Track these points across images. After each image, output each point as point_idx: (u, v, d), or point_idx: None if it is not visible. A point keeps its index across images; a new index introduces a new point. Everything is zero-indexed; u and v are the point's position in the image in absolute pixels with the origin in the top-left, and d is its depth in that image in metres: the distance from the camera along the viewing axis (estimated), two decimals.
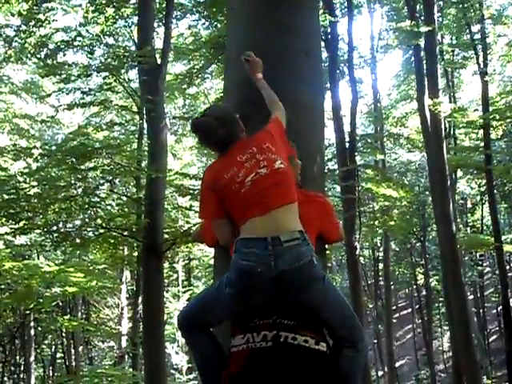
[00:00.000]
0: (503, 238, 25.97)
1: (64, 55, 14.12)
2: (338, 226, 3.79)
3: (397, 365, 35.47)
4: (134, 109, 14.80)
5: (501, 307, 22.64)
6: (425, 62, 16.88)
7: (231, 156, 3.33)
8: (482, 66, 20.93)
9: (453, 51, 25.47)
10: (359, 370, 3.46)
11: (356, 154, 16.37)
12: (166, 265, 25.30)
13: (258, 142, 3.35)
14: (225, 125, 3.36)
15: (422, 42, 16.84)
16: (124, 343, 23.42)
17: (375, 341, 38.58)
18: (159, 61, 12.07)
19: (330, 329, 3.30)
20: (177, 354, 27.69)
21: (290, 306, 3.17)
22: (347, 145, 15.40)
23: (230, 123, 3.41)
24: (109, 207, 15.23)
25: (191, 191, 12.69)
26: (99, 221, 13.32)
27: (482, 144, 19.93)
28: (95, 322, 27.31)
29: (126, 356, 23.47)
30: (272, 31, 3.91)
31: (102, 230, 12.93)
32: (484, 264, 37.88)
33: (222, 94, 5.44)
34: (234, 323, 3.31)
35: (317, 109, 4.07)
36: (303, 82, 3.90)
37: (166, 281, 27.64)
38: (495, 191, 25.12)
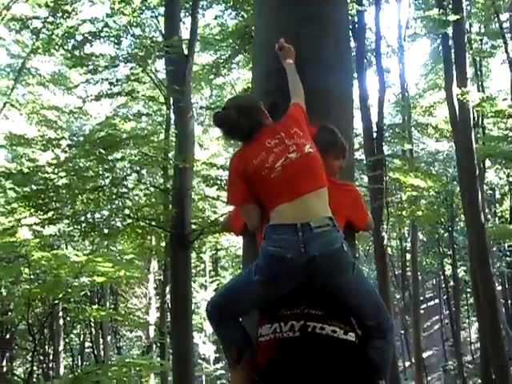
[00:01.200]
0: None
1: (91, 46, 14.12)
2: (366, 214, 3.76)
3: (424, 356, 35.33)
4: (161, 99, 14.82)
5: None
6: (453, 50, 16.73)
7: (259, 142, 3.30)
8: (510, 54, 20.71)
9: (481, 40, 25.24)
10: (388, 361, 3.45)
11: (383, 143, 16.29)
12: (194, 255, 25.43)
13: (286, 127, 3.33)
14: (246, 115, 3.34)
15: (450, 31, 16.70)
16: (152, 333, 23.59)
17: (402, 331, 38.51)
18: (186, 51, 12.07)
19: (359, 318, 3.28)
20: (204, 344, 27.86)
21: (318, 295, 3.15)
22: (374, 134, 15.33)
23: (252, 112, 3.38)
24: (136, 197, 15.32)
25: (218, 181, 12.70)
26: (127, 211, 13.39)
27: (511, 133, 19.74)
28: (123, 312, 27.51)
29: (154, 345, 23.64)
30: (301, 20, 3.87)
31: (129, 220, 13.01)
32: None
33: (249, 85, 5.43)
34: (261, 313, 3.29)
35: (346, 97, 4.04)
36: (333, 70, 3.87)
37: (193, 271, 27.79)
38: None
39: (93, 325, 28.36)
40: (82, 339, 32.23)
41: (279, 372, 3.06)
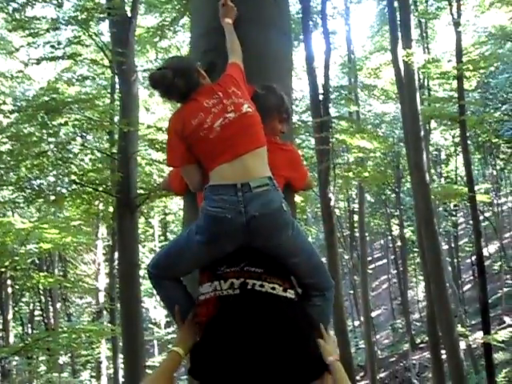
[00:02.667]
0: (476, 188, 26.25)
1: (32, 9, 13.83)
2: (305, 174, 3.77)
3: (373, 315, 36.01)
4: (106, 63, 14.61)
5: (474, 257, 22.94)
6: (398, 12, 16.77)
7: (197, 102, 3.27)
8: (455, 16, 20.84)
9: (426, 1, 25.39)
10: (327, 318, 3.51)
11: (330, 105, 16.34)
12: (142, 220, 25.33)
13: (224, 87, 3.30)
14: (182, 75, 3.30)
15: None
16: (101, 299, 23.51)
17: (351, 291, 39.13)
18: (129, 13, 11.89)
19: (298, 276, 3.32)
20: (155, 309, 27.91)
21: (258, 253, 3.17)
22: (321, 96, 15.34)
23: (189, 72, 3.34)
24: (82, 163, 15.15)
25: (165, 145, 12.60)
26: (72, 176, 13.24)
27: (456, 95, 19.94)
28: (72, 279, 27.32)
29: (104, 311, 23.57)
30: None
31: (75, 186, 12.88)
32: (458, 214, 38.33)
33: None
34: (201, 271, 3.30)
35: (284, 57, 4.00)
36: (271, 28, 3.84)
37: (142, 236, 27.74)
38: (469, 142, 25.25)
39: (42, 292, 28.15)
40: (31, 307, 32.01)
41: (220, 330, 3.07)
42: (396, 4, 16.88)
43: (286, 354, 3.03)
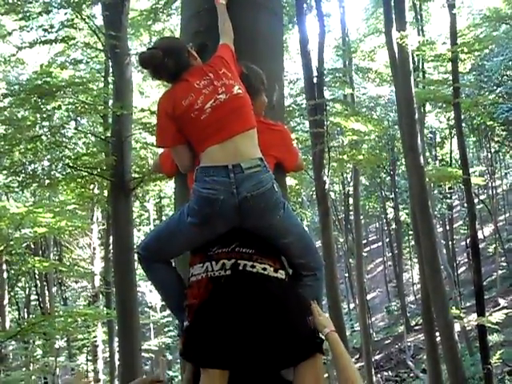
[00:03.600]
0: (471, 170, 26.25)
1: None
2: (296, 155, 3.78)
3: (368, 297, 36.14)
4: (99, 46, 14.54)
5: (469, 239, 22.99)
6: None
7: (187, 83, 3.27)
8: None
9: None
10: (319, 298, 3.53)
11: (324, 88, 16.29)
12: (137, 204, 25.35)
13: (214, 68, 3.30)
14: (173, 55, 3.30)
15: None
16: (97, 283, 23.52)
17: (346, 274, 39.28)
18: None
19: (289, 256, 3.35)
20: (151, 292, 27.93)
21: (249, 234, 3.19)
22: (315, 79, 15.30)
23: (179, 53, 3.34)
24: (77, 146, 15.13)
25: None
26: (66, 160, 13.22)
27: (450, 77, 19.91)
28: (68, 263, 27.35)
29: (100, 295, 23.61)
30: None
31: (69, 170, 12.86)
32: (453, 197, 38.42)
33: None
34: (193, 253, 3.31)
35: (275, 38, 4.01)
36: (261, 9, 3.84)
37: (137, 220, 27.77)
38: (463, 125, 25.26)
39: (38, 277, 28.19)
40: (27, 292, 32.05)
41: (212, 311, 3.09)
42: None
43: (277, 334, 3.06)
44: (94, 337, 23.32)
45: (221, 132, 3.15)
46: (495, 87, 29.05)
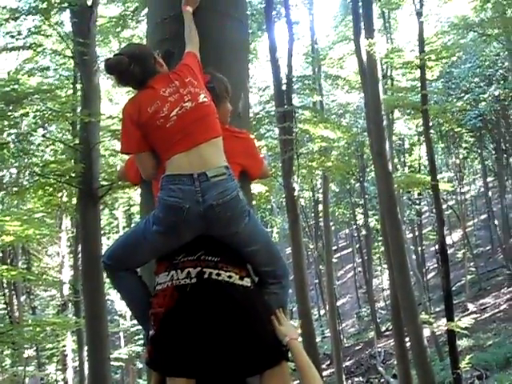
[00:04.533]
0: (440, 176, 26.51)
1: None
2: (261, 162, 3.78)
3: (338, 303, 36.35)
4: (68, 53, 14.45)
5: (438, 245, 23.18)
6: (361, 2, 16.82)
7: (153, 90, 3.25)
8: (418, 6, 20.96)
9: None
10: (285, 306, 3.53)
11: (293, 95, 16.37)
12: (106, 211, 25.19)
13: (180, 76, 3.29)
14: (139, 62, 3.27)
15: None
16: (66, 291, 23.32)
17: (316, 281, 39.37)
18: (90, 3, 11.77)
19: (255, 264, 3.35)
20: (120, 301, 27.73)
21: (215, 242, 3.19)
22: (284, 86, 15.36)
23: (145, 59, 3.32)
24: (45, 154, 15.02)
25: None
26: (34, 168, 13.12)
27: (419, 84, 20.08)
28: (36, 272, 27.08)
29: (69, 304, 23.42)
30: None
31: (37, 177, 12.75)
32: (422, 203, 38.69)
33: None
34: (158, 261, 3.30)
35: (240, 46, 4.01)
36: (226, 17, 3.83)
37: (106, 228, 27.58)
38: (432, 131, 25.46)
39: (6, 286, 27.86)
40: None
41: (178, 320, 3.08)
42: None
43: (242, 342, 3.07)
44: (63, 346, 23.12)
45: (186, 140, 3.14)
46: (463, 94, 29.38)
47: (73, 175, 12.02)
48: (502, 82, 29.41)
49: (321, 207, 30.96)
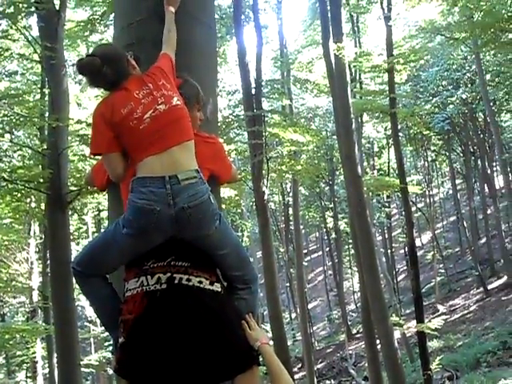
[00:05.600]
0: (409, 179, 26.69)
1: None
2: (230, 166, 3.79)
3: (309, 306, 36.42)
4: (35, 57, 14.34)
5: (407, 247, 23.34)
6: (329, 6, 16.88)
7: (127, 91, 3.25)
8: (386, 10, 21.10)
9: None
10: (254, 311, 3.53)
11: (262, 99, 16.36)
12: (76, 217, 24.99)
13: (154, 79, 3.30)
14: (111, 63, 3.26)
15: None
16: (35, 298, 23.11)
17: (287, 284, 39.42)
18: (58, 7, 11.69)
19: (224, 269, 3.35)
20: (90, 306, 27.56)
21: (185, 247, 3.19)
22: (253, 90, 15.37)
23: (118, 61, 3.31)
24: (12, 159, 14.88)
25: None
26: (2, 173, 12.98)
27: (387, 88, 20.21)
28: (5, 278, 26.80)
29: (39, 310, 23.20)
30: None
31: (4, 183, 12.62)
32: (391, 206, 38.96)
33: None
34: (127, 267, 3.28)
35: (209, 51, 4.01)
36: (194, 21, 3.83)
37: (76, 233, 27.37)
38: (400, 134, 25.65)
39: None
40: None
41: (147, 326, 3.07)
42: None
43: (213, 348, 3.06)
44: (33, 353, 22.88)
45: (159, 143, 3.14)
46: (431, 97, 29.65)
47: (41, 181, 11.92)
48: (469, 85, 29.73)
49: (291, 211, 31.05)
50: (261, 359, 3.20)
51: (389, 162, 34.64)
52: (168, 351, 3.03)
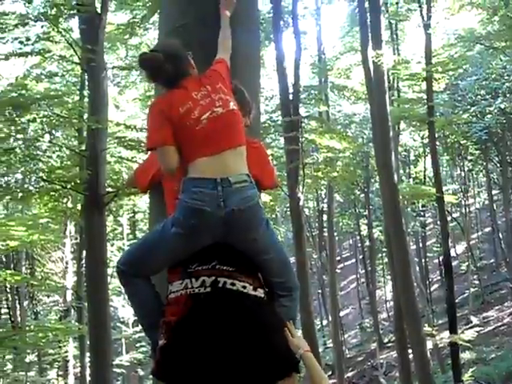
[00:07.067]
0: (445, 188, 26.47)
1: (1, 4, 13.67)
2: (272, 172, 3.80)
3: (341, 314, 36.17)
4: (75, 59, 14.48)
5: (442, 257, 23.12)
6: (369, 13, 16.84)
7: (186, 90, 3.27)
8: (425, 18, 20.99)
9: (397, 3, 25.56)
10: (294, 318, 3.53)
11: (300, 105, 16.38)
12: (111, 218, 25.18)
13: (212, 81, 3.34)
14: (172, 60, 3.28)
15: None
16: (69, 297, 23.32)
17: (319, 291, 39.26)
18: (99, 10, 11.81)
19: (268, 274, 3.36)
20: (123, 307, 27.72)
21: (229, 251, 3.20)
22: (291, 96, 15.39)
23: (179, 59, 3.34)
24: (51, 160, 15.03)
25: (134, 143, 12.57)
26: (40, 173, 13.13)
27: (425, 96, 20.09)
28: (40, 277, 27.07)
29: (72, 310, 23.40)
30: None
31: (43, 183, 12.77)
32: (426, 215, 38.63)
33: None
34: (171, 270, 3.29)
35: (252, 57, 4.04)
36: (238, 26, 3.85)
37: (111, 234, 27.56)
38: (437, 143, 25.46)
39: (9, 290, 27.87)
40: None
41: (190, 329, 3.07)
42: (366, 5, 16.96)
43: (254, 353, 3.05)
44: (65, 352, 23.10)
45: (213, 145, 3.17)
46: (469, 106, 29.33)
47: (78, 181, 12.04)
48: (508, 94, 29.37)
49: (325, 217, 30.95)
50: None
51: (425, 171, 34.36)
52: (209, 355, 3.02)
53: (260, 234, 3.23)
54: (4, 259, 25.41)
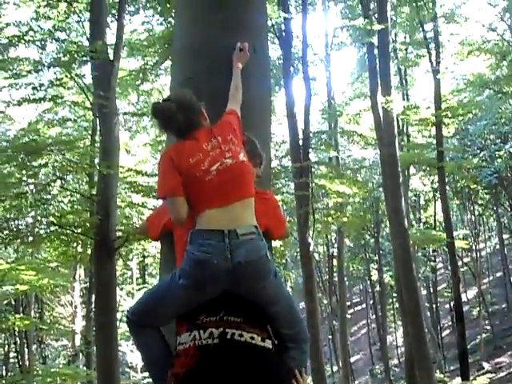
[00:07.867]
0: (455, 233, 26.35)
1: (15, 50, 13.87)
2: (284, 223, 3.81)
3: (352, 360, 35.87)
4: (87, 105, 14.62)
5: (453, 302, 22.97)
6: (378, 59, 16.99)
7: (197, 141, 3.29)
8: (434, 64, 21.17)
9: (406, 49, 25.80)
10: (304, 368, 3.49)
11: (310, 150, 16.45)
12: (120, 262, 25.15)
13: (223, 133, 3.35)
14: (185, 111, 3.31)
15: (375, 40, 16.96)
16: (78, 342, 23.21)
17: (330, 336, 38.93)
18: (111, 56, 11.95)
19: (276, 326, 3.32)
20: (132, 352, 27.53)
21: (237, 302, 3.18)
22: (301, 142, 15.46)
23: (192, 110, 3.37)
24: (62, 204, 15.08)
25: (145, 188, 12.60)
26: (51, 218, 13.16)
27: (435, 141, 20.18)
28: (48, 321, 26.99)
29: (80, 354, 23.27)
30: (217, 28, 3.89)
31: (53, 228, 12.78)
32: (437, 259, 38.43)
33: None
34: (179, 321, 3.28)
35: (264, 105, 4.07)
36: (250, 77, 3.89)
37: (120, 278, 27.53)
38: (447, 188, 25.45)
39: (17, 334, 27.76)
40: (6, 349, 31.52)
41: (199, 380, 3.05)
42: (376, 51, 17.14)
43: None
44: None
45: (222, 196, 3.17)
46: (479, 151, 29.39)
47: (89, 226, 12.06)
48: None
49: (335, 262, 30.87)
50: None
51: (435, 216, 34.31)
52: None
53: (267, 287, 3.20)
54: (13, 303, 25.31)
